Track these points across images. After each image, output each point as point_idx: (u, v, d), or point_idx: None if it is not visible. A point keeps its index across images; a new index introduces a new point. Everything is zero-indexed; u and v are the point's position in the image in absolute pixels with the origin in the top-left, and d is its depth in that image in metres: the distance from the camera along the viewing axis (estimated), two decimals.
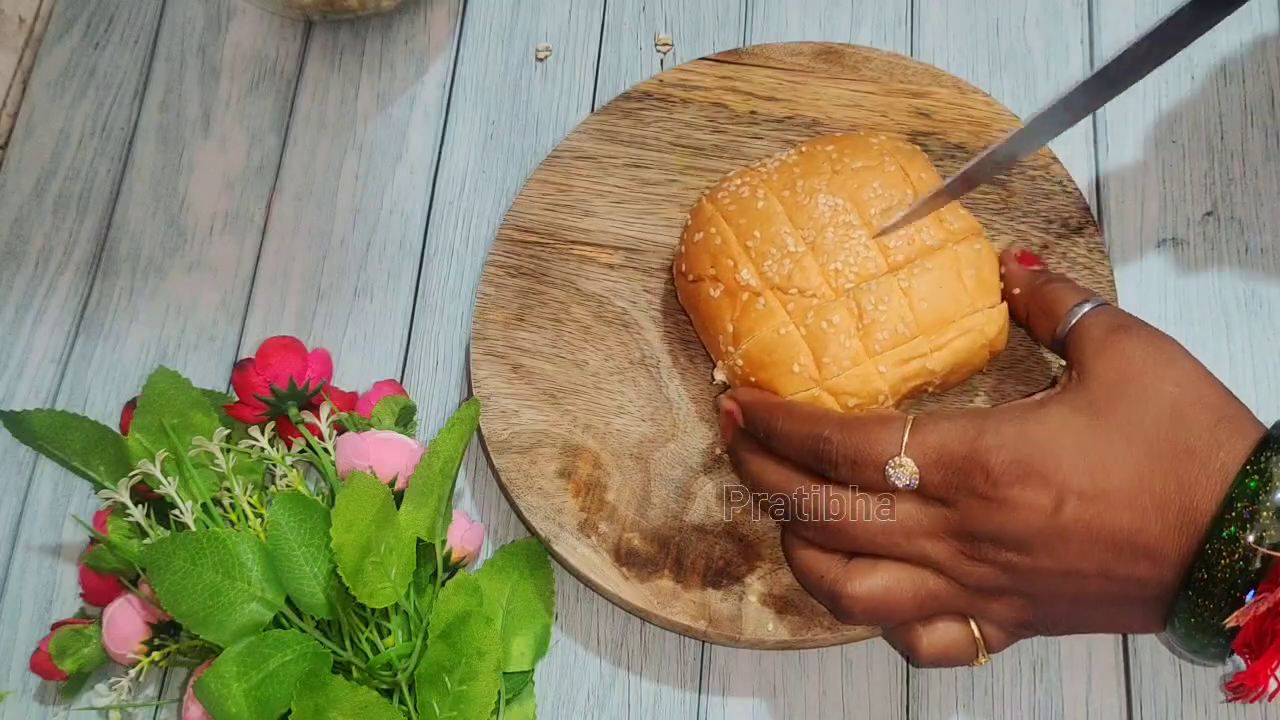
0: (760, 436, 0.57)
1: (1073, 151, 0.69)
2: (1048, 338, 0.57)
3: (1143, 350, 0.52)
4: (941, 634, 0.54)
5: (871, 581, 0.53)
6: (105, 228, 0.74)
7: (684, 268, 0.62)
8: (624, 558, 0.60)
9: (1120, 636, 0.59)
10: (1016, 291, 0.59)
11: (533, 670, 0.60)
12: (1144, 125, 0.69)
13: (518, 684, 0.60)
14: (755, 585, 0.59)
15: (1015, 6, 0.73)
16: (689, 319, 0.65)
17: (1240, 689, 0.50)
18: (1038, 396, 0.54)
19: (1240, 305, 0.65)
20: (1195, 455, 0.49)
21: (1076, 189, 0.65)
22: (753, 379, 0.59)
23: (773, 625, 0.58)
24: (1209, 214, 0.67)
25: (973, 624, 0.54)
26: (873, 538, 0.53)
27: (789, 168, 0.62)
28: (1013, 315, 0.59)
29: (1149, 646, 0.59)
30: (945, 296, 0.58)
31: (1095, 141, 0.69)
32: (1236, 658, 0.50)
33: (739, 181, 0.62)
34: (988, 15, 0.73)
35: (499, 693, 0.57)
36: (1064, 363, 0.56)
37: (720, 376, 0.61)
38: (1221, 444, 0.49)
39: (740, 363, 0.59)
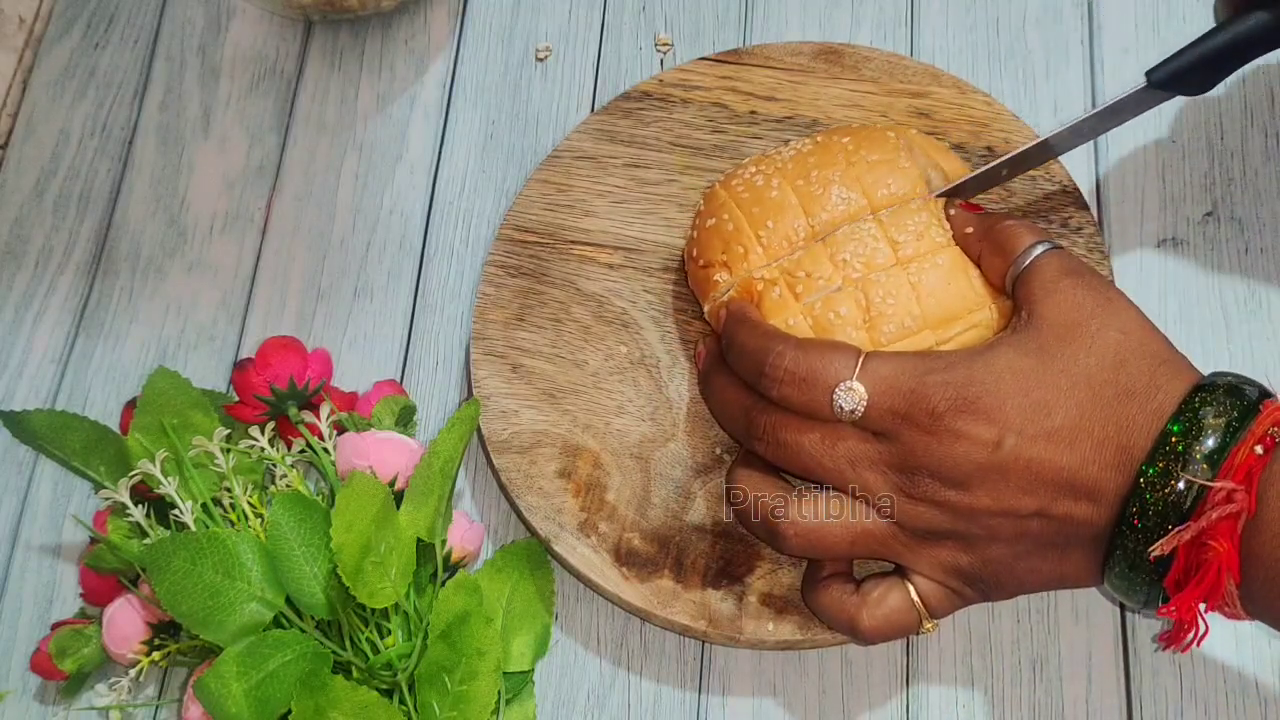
0: (723, 349, 0.58)
1: (1073, 151, 0.69)
2: (1000, 277, 0.57)
3: (1090, 296, 0.53)
4: (880, 603, 0.54)
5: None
6: (105, 227, 0.74)
7: (695, 253, 0.62)
8: (624, 558, 0.60)
9: (1119, 636, 0.59)
10: (969, 230, 0.59)
11: (533, 670, 0.60)
12: (1144, 125, 0.69)
13: (518, 684, 0.60)
14: (755, 585, 0.59)
15: (1015, 7, 0.73)
16: (689, 317, 0.65)
17: (1171, 636, 0.51)
18: (989, 340, 0.55)
19: (1240, 305, 0.65)
20: (1135, 397, 0.50)
21: (1076, 189, 0.65)
22: None
23: (773, 625, 0.58)
24: (1209, 214, 0.67)
25: (911, 588, 0.54)
26: (819, 460, 0.54)
27: (804, 157, 0.62)
28: (968, 252, 0.59)
29: (1149, 646, 0.59)
30: (953, 293, 0.58)
31: (1095, 141, 0.69)
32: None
33: (754, 169, 0.62)
34: (988, 15, 0.73)
35: (499, 693, 0.57)
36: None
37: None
38: (1160, 386, 0.50)
39: None
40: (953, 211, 0.59)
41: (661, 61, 0.75)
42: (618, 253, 0.67)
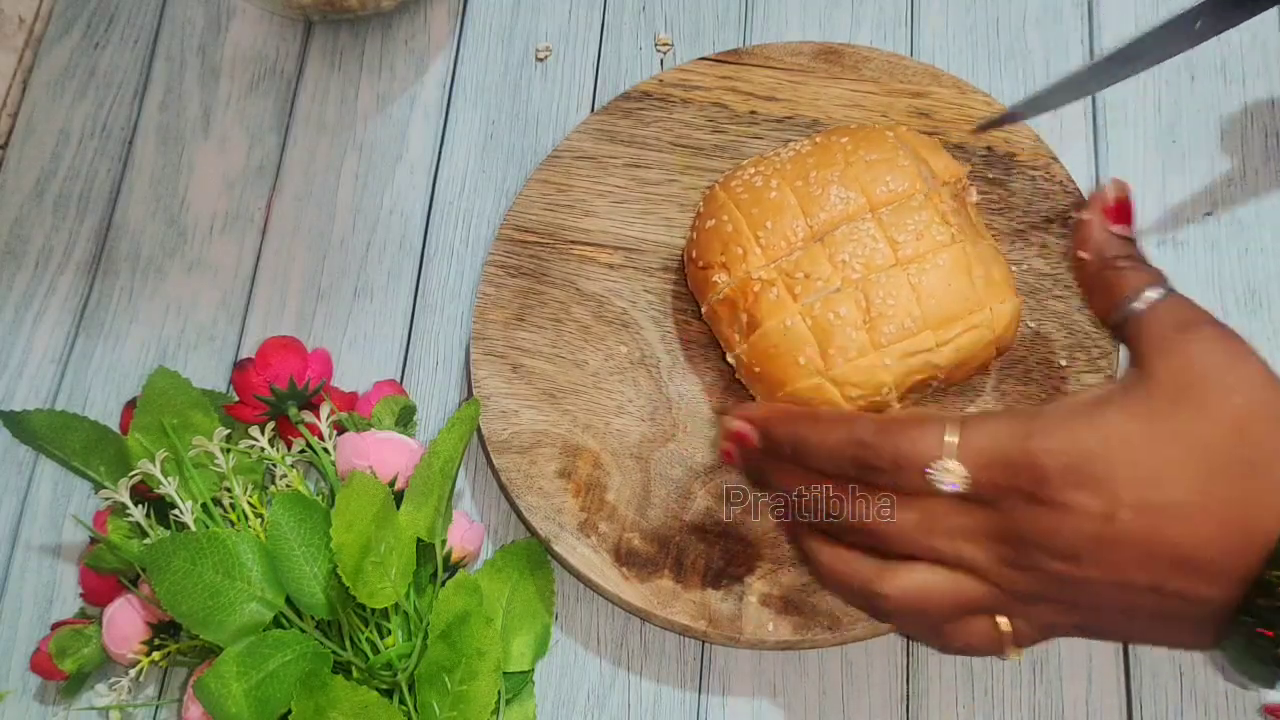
0: (786, 452, 0.53)
1: (1073, 151, 0.69)
2: (1103, 316, 0.53)
3: (1209, 354, 0.48)
4: (968, 629, 0.52)
5: (908, 581, 0.50)
6: (105, 227, 0.74)
7: (694, 254, 0.62)
8: (624, 558, 0.60)
9: None
10: (1084, 256, 0.53)
11: (533, 670, 0.60)
12: (1144, 125, 0.69)
13: (518, 684, 0.60)
14: (755, 585, 0.59)
15: (1015, 7, 0.73)
16: (689, 317, 0.65)
17: None
18: (1094, 393, 0.50)
19: (1240, 305, 0.65)
20: (1258, 471, 0.46)
21: (1077, 189, 0.65)
22: (757, 369, 0.59)
23: (773, 625, 0.58)
24: (1209, 214, 0.67)
25: (1001, 620, 0.51)
26: (913, 540, 0.50)
27: (802, 158, 0.61)
28: (1076, 278, 0.55)
29: (1149, 647, 0.59)
30: (953, 294, 0.58)
31: (1095, 141, 0.69)
32: None
33: (753, 170, 0.62)
34: (987, 15, 0.73)
35: (499, 693, 0.57)
36: (1064, 363, 0.55)
37: (731, 361, 0.61)
38: None
39: (746, 353, 0.59)
40: (1093, 219, 0.53)
41: (661, 61, 0.74)
42: (618, 253, 0.67)
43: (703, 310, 0.62)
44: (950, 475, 0.48)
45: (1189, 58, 0.71)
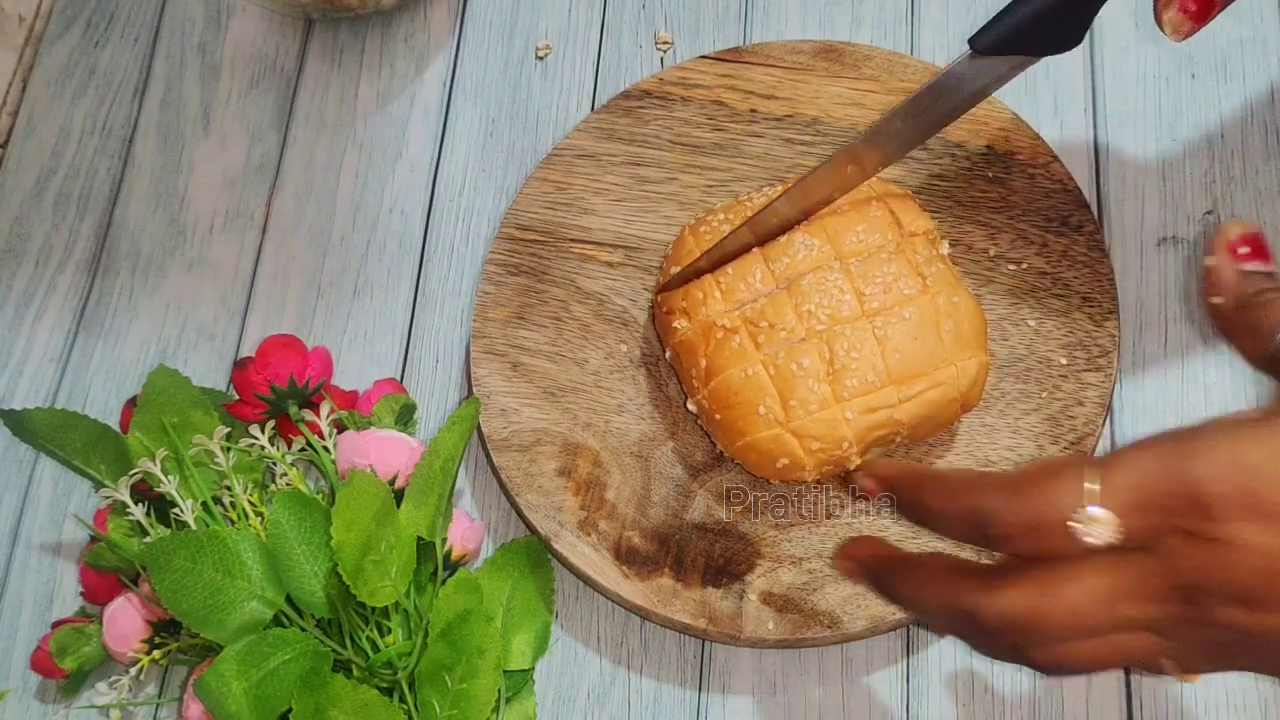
0: (911, 519, 0.47)
1: (1073, 150, 0.69)
2: (1254, 356, 0.47)
3: None
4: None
5: (1072, 653, 0.44)
6: (105, 226, 0.74)
7: (659, 298, 0.62)
8: (624, 556, 0.60)
9: None
10: (1217, 301, 0.48)
11: (533, 668, 0.60)
12: (1144, 124, 0.69)
13: (518, 682, 0.60)
14: (755, 583, 0.59)
15: None
16: None
17: None
18: (1252, 413, 0.43)
19: None
20: None
21: (1077, 187, 0.65)
22: (718, 416, 0.59)
23: (773, 623, 0.58)
24: (1209, 213, 0.67)
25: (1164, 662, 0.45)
26: (1072, 626, 0.43)
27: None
28: (1215, 324, 0.49)
29: None
30: (920, 348, 0.57)
31: (1095, 140, 0.69)
32: None
33: (721, 216, 0.62)
34: (987, 14, 0.73)
35: (499, 691, 0.57)
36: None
37: (693, 408, 0.61)
38: None
39: (706, 399, 0.59)
40: (1221, 261, 0.48)
41: (662, 60, 0.74)
42: (618, 251, 0.67)
43: (667, 354, 0.62)
44: (1099, 525, 0.42)
45: (1189, 56, 0.71)
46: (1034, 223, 0.65)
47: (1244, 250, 0.48)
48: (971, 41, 0.54)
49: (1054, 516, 0.42)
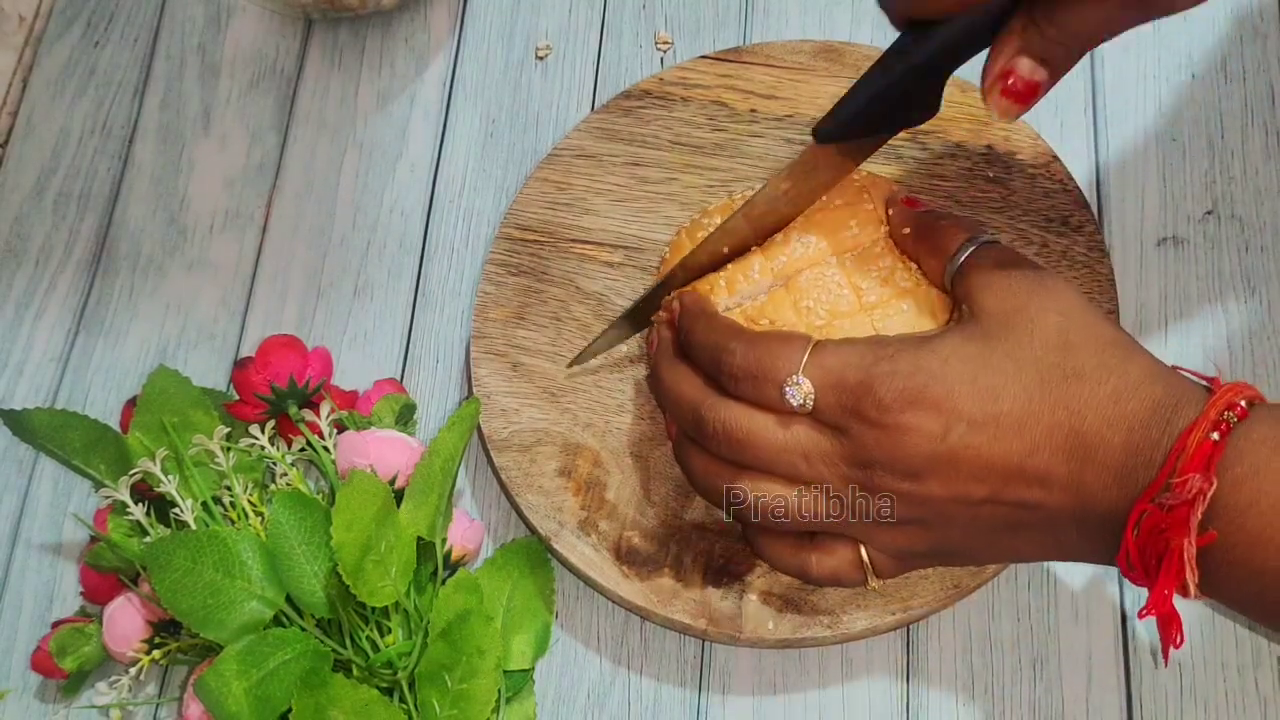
0: (680, 341, 0.57)
1: (1073, 150, 0.69)
2: (938, 277, 0.57)
3: (1026, 282, 0.53)
4: (830, 559, 0.55)
5: (766, 489, 0.54)
6: (105, 226, 0.74)
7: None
8: (624, 556, 0.60)
9: (1119, 635, 0.59)
10: (906, 231, 0.58)
11: (533, 669, 0.60)
12: (1144, 123, 0.69)
13: (518, 682, 0.60)
14: (756, 583, 0.59)
15: None
16: None
17: (1162, 635, 0.50)
18: (933, 329, 0.55)
19: (1240, 305, 0.65)
20: (1084, 380, 0.50)
21: (1076, 187, 0.65)
22: None
23: (773, 623, 0.58)
24: (1209, 213, 0.67)
25: (863, 550, 0.55)
26: (772, 458, 0.53)
27: None
28: (909, 256, 0.59)
29: (1149, 646, 0.59)
30: None
31: (1095, 140, 0.69)
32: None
33: (719, 218, 0.62)
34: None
35: (499, 691, 0.57)
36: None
37: None
38: (1111, 369, 0.50)
39: None
40: (891, 211, 0.59)
41: (662, 60, 0.74)
42: (618, 251, 0.67)
43: None
44: (800, 390, 0.52)
45: (1189, 56, 0.71)
46: (1034, 223, 0.65)
47: (905, 201, 0.59)
48: (814, 131, 0.56)
49: (771, 372, 0.53)
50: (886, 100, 0.54)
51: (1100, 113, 0.70)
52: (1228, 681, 0.58)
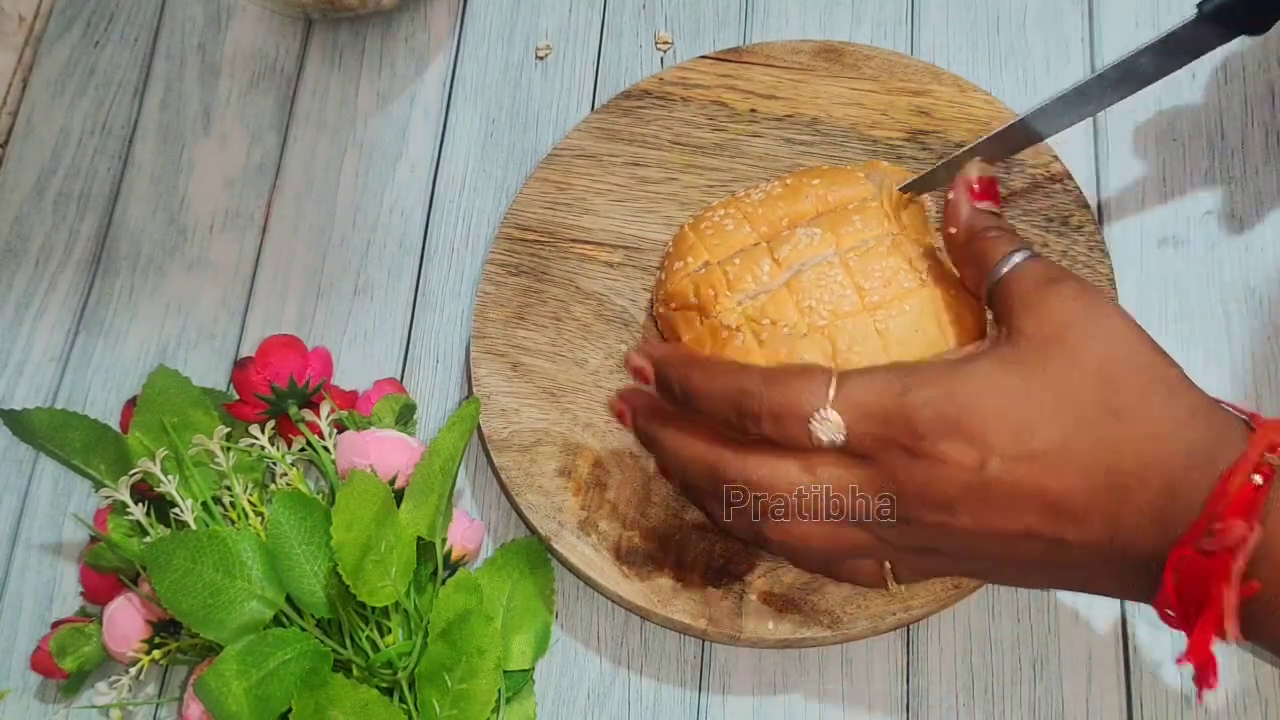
0: (675, 395, 0.54)
1: (1073, 150, 0.69)
2: (976, 285, 0.55)
3: (1071, 306, 0.50)
4: (851, 568, 0.56)
5: (792, 529, 0.53)
6: (105, 226, 0.74)
7: (664, 294, 0.62)
8: (624, 556, 0.60)
9: (1120, 635, 0.59)
10: (953, 231, 0.56)
11: (533, 669, 0.60)
12: (1144, 123, 0.69)
13: (518, 682, 0.60)
14: (756, 583, 0.59)
15: (1015, 5, 0.73)
16: None
17: (1197, 679, 0.49)
18: (967, 350, 0.53)
19: (1240, 304, 0.65)
20: (1124, 418, 0.48)
21: (1077, 187, 0.65)
22: None
23: (773, 623, 0.58)
24: (1209, 213, 0.67)
25: (887, 566, 0.55)
26: (799, 499, 0.52)
27: (773, 200, 0.62)
28: (949, 253, 0.57)
29: (1149, 645, 0.59)
30: (920, 340, 0.57)
31: (1095, 140, 0.69)
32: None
33: (722, 211, 0.62)
34: (988, 14, 0.73)
35: (499, 691, 0.57)
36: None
37: None
38: (1152, 406, 0.48)
39: None
40: (959, 197, 0.56)
41: (662, 60, 0.74)
42: (618, 251, 0.67)
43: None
44: (830, 425, 0.50)
45: None
46: (1034, 223, 0.65)
47: (977, 189, 0.56)
48: (1200, 4, 0.55)
49: (797, 409, 0.50)
50: None
51: (1100, 112, 0.70)
52: (1228, 682, 0.58)
